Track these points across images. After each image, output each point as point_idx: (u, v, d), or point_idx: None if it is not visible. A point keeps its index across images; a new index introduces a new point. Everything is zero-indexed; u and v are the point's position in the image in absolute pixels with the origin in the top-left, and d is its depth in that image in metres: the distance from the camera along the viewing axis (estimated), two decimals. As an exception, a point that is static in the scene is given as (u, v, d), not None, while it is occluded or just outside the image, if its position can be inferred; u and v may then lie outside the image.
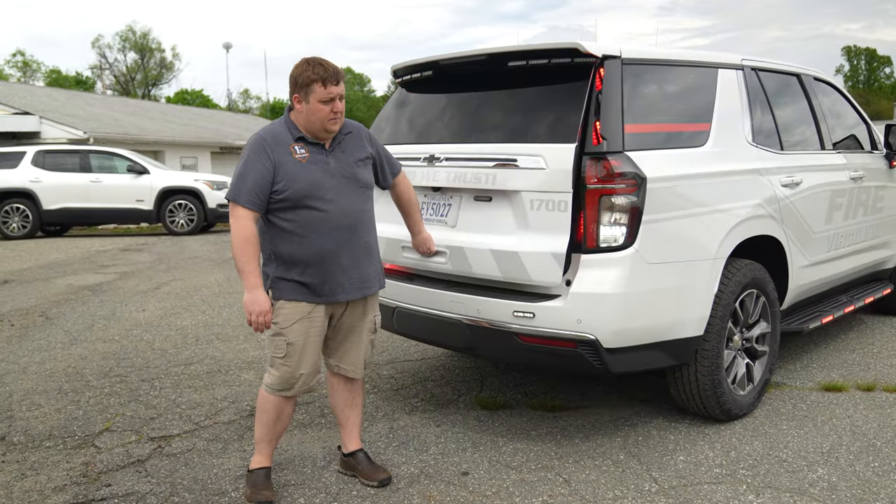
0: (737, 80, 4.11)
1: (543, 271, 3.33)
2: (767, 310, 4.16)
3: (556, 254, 3.28)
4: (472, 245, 3.61)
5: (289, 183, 2.92)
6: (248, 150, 2.94)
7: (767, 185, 4.12)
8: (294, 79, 2.95)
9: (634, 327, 3.39)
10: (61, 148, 15.52)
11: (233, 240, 2.88)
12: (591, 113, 3.34)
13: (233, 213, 2.90)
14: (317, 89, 2.91)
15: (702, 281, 3.62)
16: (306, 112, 2.95)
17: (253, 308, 2.90)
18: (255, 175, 2.89)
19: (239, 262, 2.88)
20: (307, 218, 2.94)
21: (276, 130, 2.99)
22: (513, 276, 3.44)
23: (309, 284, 3.00)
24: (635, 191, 3.28)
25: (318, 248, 2.97)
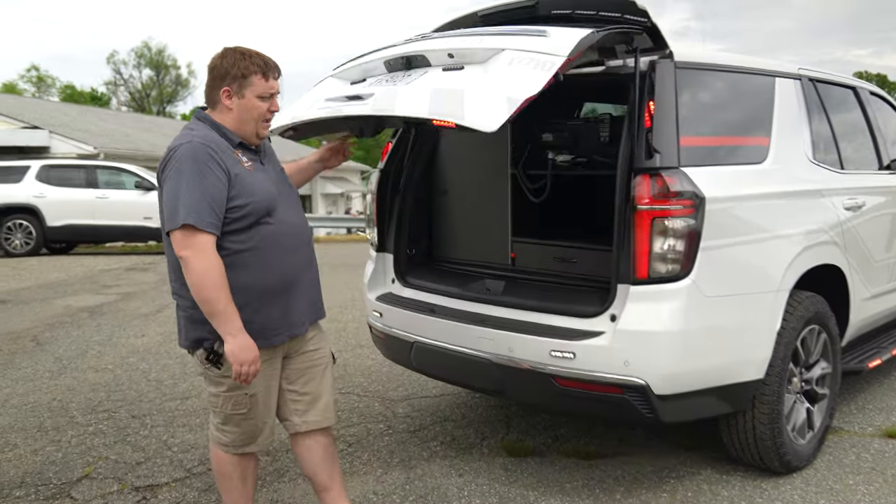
0: (795, 90, 3.69)
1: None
2: (828, 348, 3.70)
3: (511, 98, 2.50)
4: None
5: (248, 197, 2.42)
6: (187, 161, 2.34)
7: (830, 208, 3.69)
8: (223, 69, 2.44)
9: (690, 371, 2.95)
10: (67, 162, 15.21)
11: (202, 279, 2.29)
12: (641, 121, 2.92)
13: (190, 244, 2.29)
14: (256, 82, 2.45)
15: (764, 316, 3.17)
16: (238, 110, 2.47)
17: (244, 356, 2.36)
18: (210, 190, 2.33)
19: (217, 304, 2.31)
20: (267, 237, 2.47)
21: (209, 135, 2.45)
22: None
23: (269, 321, 2.49)
24: (693, 213, 2.85)
25: (282, 272, 2.51)
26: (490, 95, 2.53)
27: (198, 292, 2.32)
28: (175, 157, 2.37)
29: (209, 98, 2.52)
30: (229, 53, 2.48)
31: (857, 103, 4.38)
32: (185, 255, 2.31)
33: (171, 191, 2.34)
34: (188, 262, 2.31)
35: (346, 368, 5.47)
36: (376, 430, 4.15)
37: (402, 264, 3.91)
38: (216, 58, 2.48)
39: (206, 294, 2.31)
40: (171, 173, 2.36)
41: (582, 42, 2.61)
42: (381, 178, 3.93)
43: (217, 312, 2.33)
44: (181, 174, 2.33)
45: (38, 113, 24.21)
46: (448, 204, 4.02)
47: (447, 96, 2.64)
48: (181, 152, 2.37)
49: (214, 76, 2.48)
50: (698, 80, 3.20)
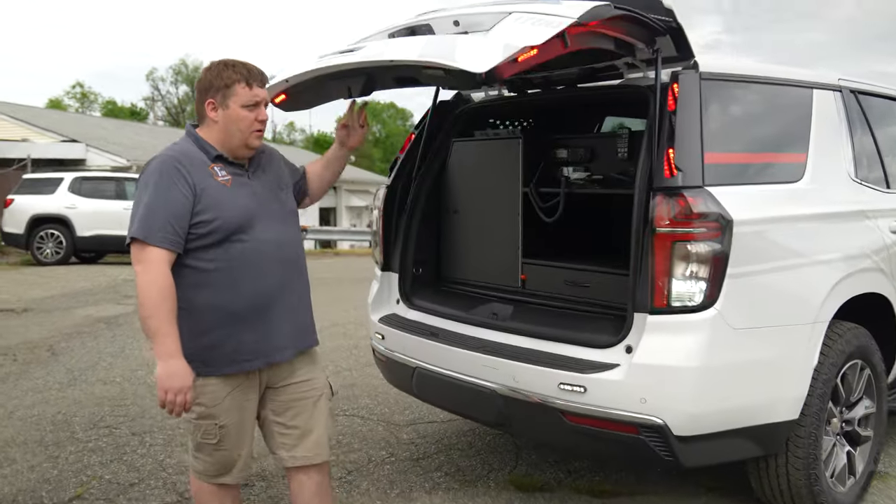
0: (834, 102, 3.39)
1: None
2: (873, 385, 3.37)
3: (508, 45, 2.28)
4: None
5: (217, 212, 2.29)
6: (154, 175, 2.27)
7: (874, 231, 3.37)
8: (207, 82, 2.35)
9: (715, 410, 2.67)
10: (99, 175, 15.43)
11: (143, 293, 2.19)
12: (662, 136, 2.67)
13: (140, 258, 2.21)
14: (239, 91, 2.34)
15: (800, 351, 2.88)
16: (224, 122, 2.35)
17: (171, 383, 2.19)
18: (170, 205, 2.23)
19: (153, 321, 2.19)
20: (239, 255, 2.32)
21: (186, 149, 2.36)
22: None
23: (241, 345, 2.34)
24: (719, 236, 2.58)
25: (255, 293, 2.34)
26: (487, 42, 2.32)
27: (139, 308, 2.23)
28: (145, 172, 2.32)
29: (198, 113, 2.43)
30: (213, 66, 2.39)
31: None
32: (135, 269, 2.24)
33: (135, 203, 2.29)
34: (137, 276, 2.23)
35: (353, 389, 5.27)
36: (378, 457, 3.92)
37: (408, 284, 3.70)
38: (202, 72, 2.41)
39: (144, 311, 2.21)
40: (140, 185, 2.32)
41: (596, 10, 2.37)
42: (387, 195, 3.73)
43: (151, 331, 2.21)
44: (146, 188, 2.27)
45: (77, 127, 24.70)
46: (457, 222, 3.80)
47: (440, 42, 2.48)
48: (151, 167, 2.31)
49: (200, 90, 2.39)
50: (726, 93, 2.94)
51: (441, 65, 2.30)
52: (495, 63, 2.19)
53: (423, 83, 2.71)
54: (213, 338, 2.29)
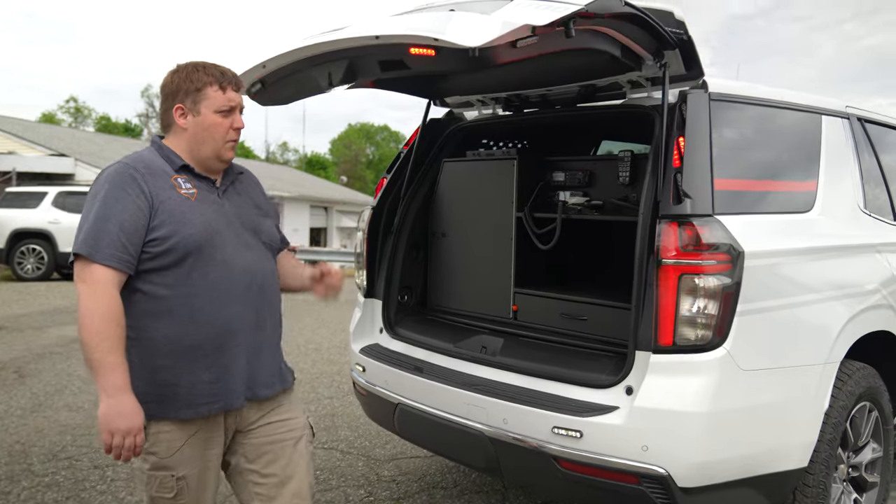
0: (843, 130, 3.23)
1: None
2: (880, 427, 3.17)
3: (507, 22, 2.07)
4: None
5: (175, 228, 2.00)
6: (105, 184, 1.99)
7: (885, 266, 3.19)
8: (174, 86, 2.10)
9: (722, 459, 2.45)
10: (84, 189, 15.15)
11: (85, 318, 1.90)
12: (669, 160, 2.47)
13: (83, 277, 1.93)
14: (211, 94, 2.09)
15: (810, 394, 2.67)
16: (194, 129, 2.10)
17: (118, 424, 1.88)
18: (121, 217, 1.94)
19: (96, 350, 1.88)
20: (199, 280, 2.03)
21: (145, 157, 2.09)
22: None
23: (196, 384, 2.03)
24: (729, 269, 2.38)
25: (217, 325, 2.05)
26: (483, 18, 2.10)
27: (80, 333, 1.91)
28: (96, 181, 2.04)
29: (163, 121, 2.16)
30: (181, 68, 2.13)
31: (912, 148, 3.89)
32: (78, 289, 1.94)
33: (82, 216, 2.00)
34: (79, 297, 1.93)
35: (334, 419, 5.02)
36: (356, 497, 3.67)
37: (393, 313, 3.47)
38: (168, 75, 2.13)
39: (86, 338, 1.90)
40: (88, 196, 2.03)
41: (604, 1, 2.16)
42: (373, 217, 3.51)
43: (93, 361, 1.89)
44: (95, 198, 1.99)
45: (67, 141, 24.44)
46: (446, 247, 3.59)
47: (432, 17, 2.24)
48: (103, 175, 2.04)
49: (166, 95, 2.13)
50: (736, 115, 2.76)
51: (429, 38, 2.06)
52: (490, 38, 1.98)
53: (411, 67, 2.47)
54: (167, 375, 2.00)
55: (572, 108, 3.15)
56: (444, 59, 2.14)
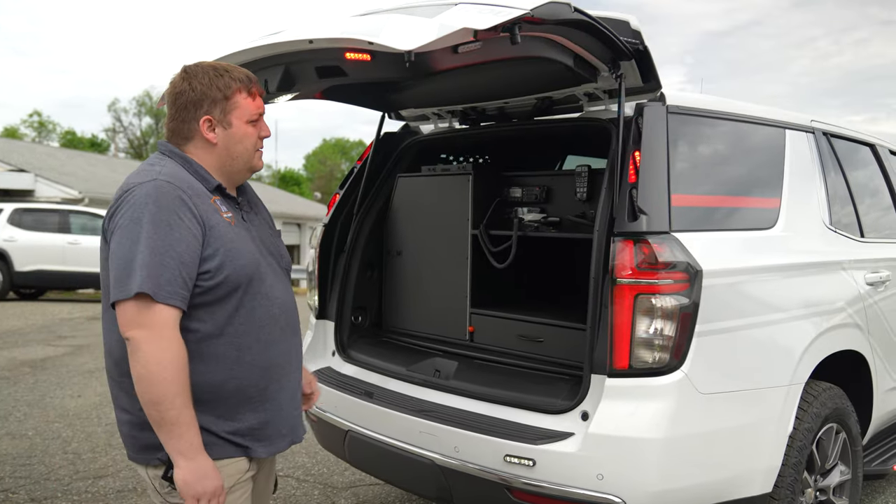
0: (808, 144, 3.17)
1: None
2: (848, 449, 3.09)
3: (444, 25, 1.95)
4: None
5: (226, 258, 1.75)
6: (149, 206, 1.68)
7: (850, 284, 3.13)
8: (199, 94, 1.80)
9: (681, 487, 2.34)
10: (41, 206, 14.77)
11: (153, 370, 1.63)
12: (624, 175, 2.37)
13: (143, 320, 1.64)
14: (242, 103, 1.83)
15: (773, 417, 2.58)
16: (226, 142, 1.84)
17: (204, 488, 1.69)
18: (179, 248, 1.67)
19: (172, 407, 1.64)
20: (247, 316, 1.80)
21: (181, 174, 1.79)
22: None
23: (246, 428, 1.82)
24: (687, 288, 2.28)
25: (265, 364, 1.84)
26: (420, 21, 1.98)
27: (146, 389, 1.65)
28: (131, 202, 1.71)
29: (178, 133, 1.85)
30: (200, 72, 1.83)
31: (877, 162, 3.86)
32: (135, 335, 1.65)
33: (124, 246, 1.68)
34: (138, 345, 1.64)
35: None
36: (310, 530, 3.49)
37: (345, 335, 3.32)
38: (181, 81, 1.83)
39: (157, 393, 1.64)
40: (123, 221, 1.69)
41: (552, 7, 2.04)
42: (325, 234, 3.37)
43: (167, 421, 1.65)
44: (139, 224, 1.68)
45: (27, 156, 23.90)
46: (401, 266, 3.45)
47: (368, 20, 2.10)
48: (140, 194, 1.71)
49: (185, 104, 1.82)
50: (695, 129, 2.67)
51: (363, 42, 1.93)
52: (425, 41, 1.85)
53: (349, 74, 2.34)
54: (219, 424, 1.79)
55: (529, 122, 3.05)
56: (380, 64, 2.02)
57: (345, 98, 3.13)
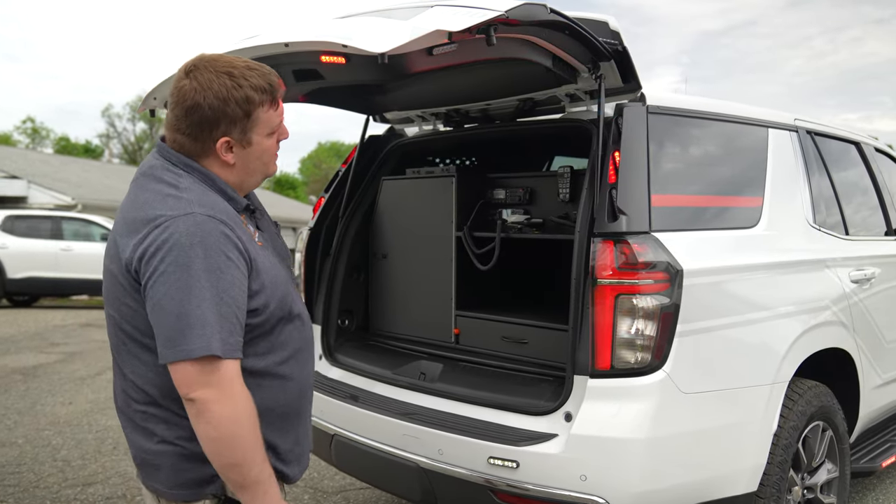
0: (791, 143, 3.17)
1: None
2: (835, 447, 3.09)
3: (417, 27, 1.94)
4: None
5: (270, 291, 1.62)
6: (199, 250, 1.49)
7: (834, 282, 3.13)
8: (214, 112, 1.57)
9: (664, 487, 2.33)
10: (33, 213, 14.71)
11: (232, 430, 1.48)
12: (605, 176, 2.38)
13: (212, 380, 1.47)
14: (263, 117, 1.62)
15: (758, 416, 2.58)
16: (244, 160, 1.64)
17: None
18: (233, 293, 1.51)
19: (254, 466, 1.51)
20: (287, 341, 1.68)
21: (212, 200, 1.58)
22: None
23: (284, 452, 1.69)
24: (667, 288, 2.28)
25: (304, 386, 1.74)
26: (394, 24, 1.96)
27: (223, 453, 1.49)
28: (170, 243, 1.48)
29: (190, 149, 1.62)
30: (213, 82, 1.57)
31: (862, 160, 3.87)
32: (202, 396, 1.47)
33: (173, 298, 1.47)
34: (207, 407, 1.47)
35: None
36: (299, 535, 3.49)
37: (332, 339, 3.32)
38: (192, 90, 1.57)
39: (237, 456, 1.49)
40: (165, 267, 1.47)
41: (528, 8, 2.03)
42: (311, 238, 3.37)
43: (251, 482, 1.51)
44: (187, 272, 1.47)
45: (20, 163, 23.83)
46: (386, 269, 3.45)
47: (343, 23, 2.09)
48: (180, 234, 1.49)
49: (199, 121, 1.58)
50: (675, 129, 2.68)
51: (338, 45, 1.90)
52: (398, 44, 1.83)
53: (325, 77, 2.33)
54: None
55: (512, 123, 3.06)
56: (355, 67, 2.02)
57: (328, 101, 3.13)
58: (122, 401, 1.67)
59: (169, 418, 1.59)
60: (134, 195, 1.61)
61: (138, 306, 1.54)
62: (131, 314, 1.56)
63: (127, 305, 1.56)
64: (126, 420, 1.68)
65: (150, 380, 1.58)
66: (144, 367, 1.59)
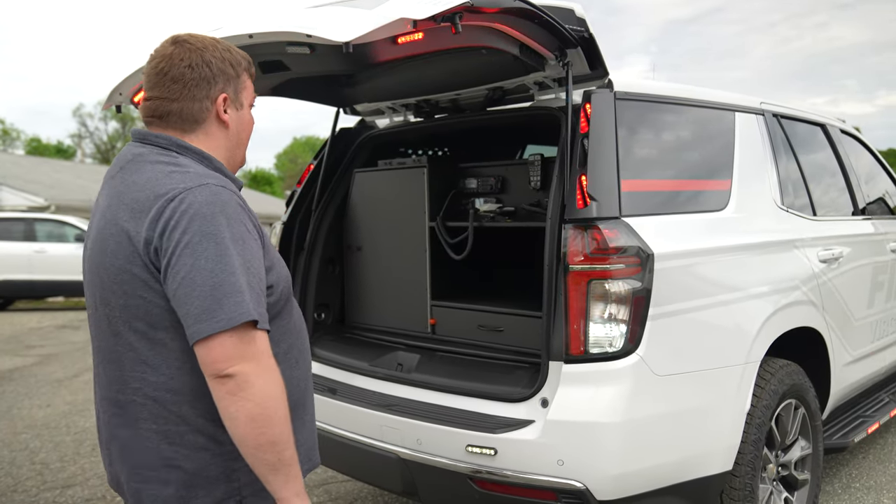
0: (758, 126, 3.21)
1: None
2: (808, 424, 3.15)
3: (381, 15, 1.96)
4: None
5: (278, 269, 1.60)
6: (221, 217, 1.43)
7: (803, 262, 3.18)
8: (212, 68, 1.54)
9: (641, 468, 2.36)
10: (6, 215, 14.46)
11: (270, 406, 1.41)
12: (574, 163, 2.39)
13: (248, 353, 1.40)
14: (248, 83, 1.64)
15: (731, 395, 2.62)
16: (237, 126, 1.62)
17: None
18: (255, 264, 1.46)
19: (288, 446, 1.44)
20: (291, 325, 1.65)
21: (216, 176, 1.52)
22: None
23: (308, 439, 1.68)
24: (639, 272, 2.30)
25: (306, 376, 1.70)
26: (358, 13, 1.96)
27: (262, 431, 1.40)
28: (191, 213, 1.41)
29: (187, 116, 1.56)
30: (207, 44, 1.57)
31: (828, 142, 3.93)
32: (242, 370, 1.39)
33: (204, 267, 1.38)
34: (248, 381, 1.39)
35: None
36: (281, 530, 3.48)
37: (309, 332, 3.30)
38: (188, 52, 1.54)
39: (276, 433, 1.42)
40: (192, 238, 1.39)
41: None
42: (283, 233, 3.35)
43: (285, 463, 1.44)
44: (214, 240, 1.40)
45: (-11, 164, 23.49)
46: (362, 262, 3.44)
47: (307, 13, 2.07)
48: (200, 203, 1.42)
49: (198, 80, 1.54)
50: (643, 114, 2.70)
51: (302, 35, 1.88)
52: (362, 32, 1.82)
53: (291, 68, 2.31)
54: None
55: (481, 113, 3.06)
56: (321, 57, 2.01)
57: (297, 94, 3.11)
58: (112, 421, 1.56)
59: (180, 432, 1.49)
60: (128, 180, 1.51)
61: (153, 295, 1.44)
62: (145, 307, 1.45)
63: (140, 297, 1.45)
64: (114, 443, 1.57)
65: (163, 384, 1.48)
66: (154, 372, 1.48)
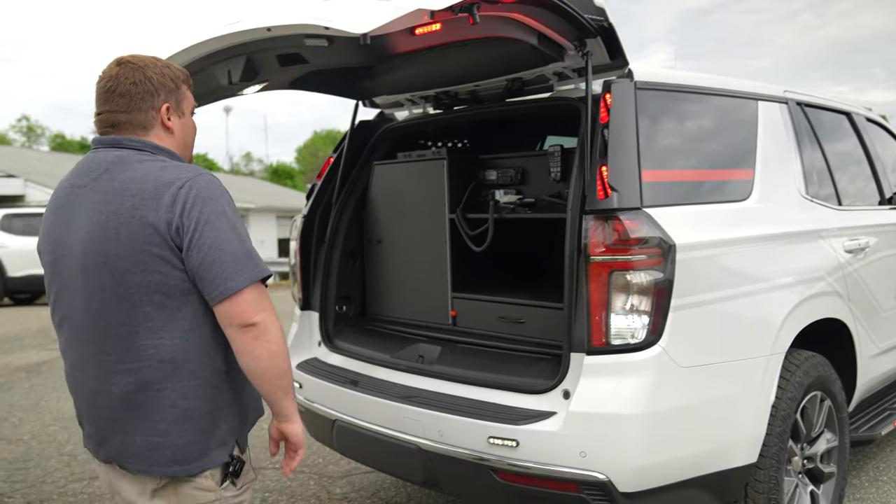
0: (781, 115, 3.16)
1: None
2: (834, 416, 3.11)
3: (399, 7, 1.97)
4: None
5: None
6: (226, 200, 1.74)
7: (829, 252, 3.14)
8: (155, 82, 1.79)
9: (663, 460, 2.35)
10: (31, 211, 14.69)
11: (280, 344, 1.75)
12: (595, 153, 2.37)
13: (264, 303, 1.72)
14: (187, 94, 1.89)
15: (755, 387, 2.59)
16: (181, 131, 1.88)
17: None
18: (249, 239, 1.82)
19: (289, 369, 1.80)
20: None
21: (200, 167, 1.85)
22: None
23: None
24: (661, 263, 2.28)
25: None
26: (376, 5, 1.98)
27: (278, 364, 1.75)
28: (202, 196, 1.69)
29: (136, 123, 1.80)
30: (148, 63, 1.82)
31: (853, 130, 3.86)
32: (263, 318, 1.70)
33: (226, 237, 1.68)
34: (268, 326, 1.71)
35: (286, 438, 4.84)
36: (305, 520, 3.52)
37: (331, 324, 3.33)
38: (132, 71, 1.79)
39: (286, 363, 1.78)
40: (209, 216, 1.67)
41: None
42: (304, 226, 3.37)
43: (289, 387, 1.82)
44: (226, 216, 1.70)
45: (16, 162, 23.83)
46: (382, 254, 3.45)
47: (326, 6, 2.11)
48: (204, 188, 1.70)
49: (143, 93, 1.79)
50: (664, 104, 2.67)
51: (320, 27, 1.93)
52: (380, 24, 1.85)
53: (310, 61, 2.35)
54: (257, 408, 1.96)
55: (501, 104, 3.05)
56: (339, 49, 2.02)
57: (316, 87, 3.12)
58: (125, 388, 1.73)
59: (193, 386, 1.73)
60: (121, 177, 1.71)
61: (170, 269, 1.67)
62: (163, 280, 1.68)
63: (159, 272, 1.68)
64: (126, 409, 1.75)
65: (177, 346, 1.71)
66: (169, 336, 1.70)
